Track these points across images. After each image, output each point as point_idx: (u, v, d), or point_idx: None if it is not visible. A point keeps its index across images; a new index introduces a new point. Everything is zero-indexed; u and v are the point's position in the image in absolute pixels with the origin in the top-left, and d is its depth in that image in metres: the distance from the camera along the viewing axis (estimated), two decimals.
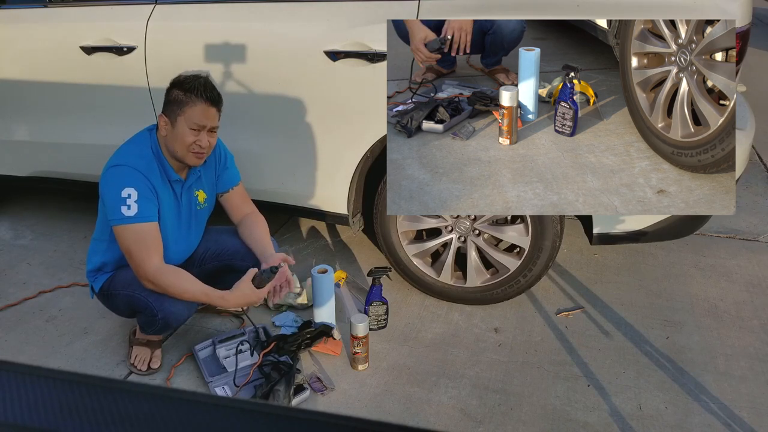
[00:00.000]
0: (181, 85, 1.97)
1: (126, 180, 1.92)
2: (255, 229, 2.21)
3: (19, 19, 2.75)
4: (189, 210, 2.14)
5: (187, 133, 1.95)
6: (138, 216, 1.91)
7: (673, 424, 1.90)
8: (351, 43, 2.21)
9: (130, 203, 1.90)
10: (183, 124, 1.95)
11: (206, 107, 1.96)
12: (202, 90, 1.95)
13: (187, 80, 1.97)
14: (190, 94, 1.95)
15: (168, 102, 1.99)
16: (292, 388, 1.95)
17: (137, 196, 1.91)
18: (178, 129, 1.96)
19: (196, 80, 1.97)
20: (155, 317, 1.99)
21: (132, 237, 1.92)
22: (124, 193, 1.90)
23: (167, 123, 1.98)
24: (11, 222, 3.25)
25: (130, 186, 1.91)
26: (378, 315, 2.33)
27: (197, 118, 1.95)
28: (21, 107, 2.84)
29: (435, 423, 1.91)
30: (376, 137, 2.29)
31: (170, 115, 1.97)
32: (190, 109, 1.94)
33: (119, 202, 1.90)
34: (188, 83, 1.96)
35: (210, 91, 1.97)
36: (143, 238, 1.93)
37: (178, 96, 1.96)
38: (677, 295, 2.56)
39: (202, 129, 1.97)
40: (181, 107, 1.95)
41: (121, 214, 1.90)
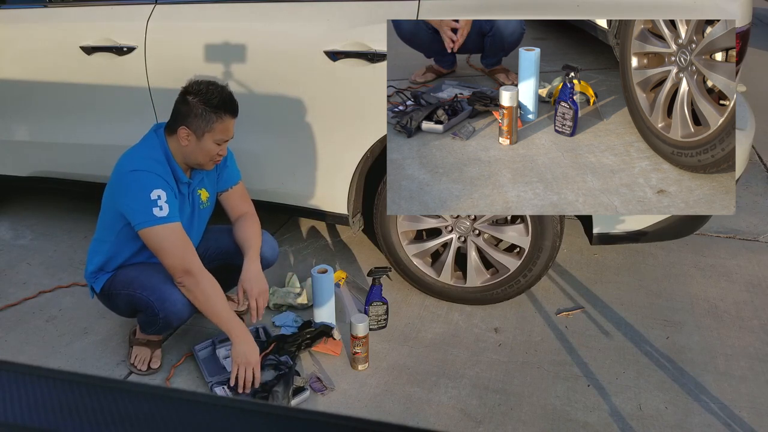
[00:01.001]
0: (207, 101, 1.94)
1: (153, 183, 1.92)
2: (247, 229, 2.18)
3: (19, 19, 2.75)
4: (192, 210, 2.14)
5: (213, 147, 1.98)
6: (170, 216, 1.93)
7: (673, 424, 1.90)
8: (351, 43, 2.21)
9: (161, 204, 1.91)
10: (210, 139, 1.96)
11: (232, 121, 2.00)
12: (230, 105, 1.97)
13: (213, 94, 1.95)
14: (220, 112, 1.95)
15: (190, 114, 1.95)
16: (291, 388, 1.95)
17: (166, 197, 1.92)
18: (204, 144, 1.97)
19: (221, 93, 1.96)
20: (156, 316, 1.99)
21: (169, 236, 1.93)
22: (153, 195, 1.90)
23: (190, 135, 1.96)
24: (11, 222, 3.25)
25: (158, 188, 1.92)
26: (378, 315, 2.33)
27: (224, 133, 1.98)
28: (21, 107, 2.84)
29: (435, 423, 1.91)
30: (376, 137, 2.29)
31: (196, 131, 1.95)
32: (219, 125, 1.96)
33: (150, 204, 1.90)
34: (215, 99, 1.94)
35: (235, 103, 2.00)
36: (181, 235, 1.95)
37: (205, 112, 1.94)
38: (677, 295, 2.56)
39: (227, 141, 2.01)
40: (209, 124, 1.95)
41: (154, 216, 1.90)
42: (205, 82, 1.99)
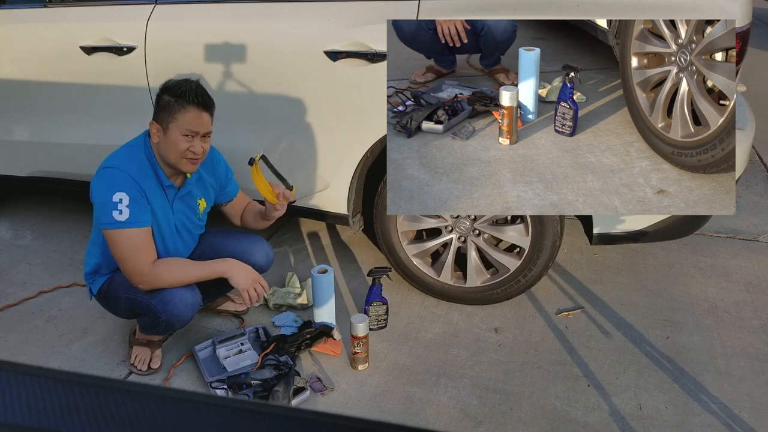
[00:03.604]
0: (170, 91, 1.91)
1: (117, 184, 1.88)
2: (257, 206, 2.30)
3: (19, 19, 2.75)
4: (183, 217, 2.11)
5: (180, 140, 1.91)
6: (130, 221, 1.87)
7: (673, 424, 1.90)
8: (351, 43, 2.21)
9: (121, 208, 1.86)
10: (176, 131, 1.90)
11: (199, 113, 1.92)
12: (193, 95, 1.90)
13: (178, 85, 1.92)
14: (181, 100, 1.89)
15: (159, 108, 1.94)
16: (291, 388, 1.95)
17: (129, 200, 1.87)
18: (170, 136, 1.91)
19: (187, 85, 1.92)
20: (158, 319, 1.98)
21: (125, 242, 1.88)
22: (115, 197, 1.86)
23: (159, 130, 1.93)
24: (11, 222, 3.25)
25: (121, 190, 1.87)
26: (378, 315, 2.33)
27: (190, 124, 1.91)
28: (21, 107, 2.84)
29: (435, 423, 1.91)
30: (376, 137, 2.29)
31: (162, 122, 1.92)
32: (182, 116, 1.90)
33: (110, 206, 1.86)
34: (179, 88, 1.91)
35: (202, 95, 1.93)
36: (136, 243, 1.90)
37: (168, 102, 1.91)
38: (677, 295, 2.56)
39: (195, 135, 1.92)
40: (172, 114, 1.90)
41: (113, 219, 1.86)
42: (181, 79, 1.96)
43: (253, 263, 2.17)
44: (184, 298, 1.97)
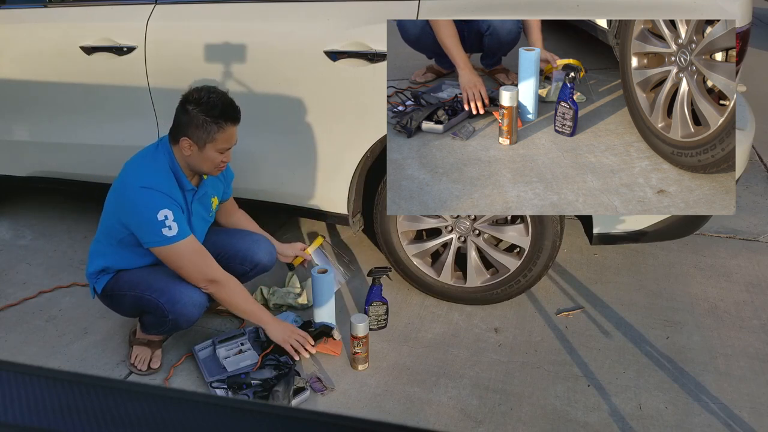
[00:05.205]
0: (208, 110, 1.91)
1: (159, 203, 1.91)
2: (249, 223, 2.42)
3: (19, 19, 2.75)
4: (198, 217, 2.14)
5: (217, 156, 1.98)
6: (180, 234, 1.93)
7: (673, 424, 1.90)
8: (351, 43, 2.21)
9: (169, 224, 1.91)
10: (213, 149, 1.96)
11: (234, 128, 1.99)
12: (231, 113, 1.95)
13: (213, 104, 1.92)
14: (221, 121, 1.93)
15: (189, 123, 1.93)
16: (292, 388, 1.95)
17: (173, 216, 1.92)
18: (207, 153, 1.96)
19: (223, 102, 1.94)
20: (165, 318, 1.99)
21: (184, 253, 1.96)
22: (160, 215, 1.90)
23: (192, 145, 1.95)
24: (11, 222, 3.25)
25: (164, 207, 1.91)
26: (378, 315, 2.33)
27: (228, 142, 1.98)
28: (21, 107, 2.84)
29: (435, 423, 1.91)
30: (376, 137, 2.29)
31: (198, 141, 1.94)
32: (221, 135, 1.94)
33: (158, 225, 1.90)
34: (216, 109, 1.92)
35: (235, 110, 1.98)
36: (195, 249, 1.99)
37: (205, 122, 1.92)
38: (677, 295, 2.56)
39: (230, 148, 2.01)
40: (210, 134, 1.93)
41: (163, 236, 1.91)
42: (205, 89, 1.96)
43: (257, 262, 2.22)
44: (193, 298, 1.98)
